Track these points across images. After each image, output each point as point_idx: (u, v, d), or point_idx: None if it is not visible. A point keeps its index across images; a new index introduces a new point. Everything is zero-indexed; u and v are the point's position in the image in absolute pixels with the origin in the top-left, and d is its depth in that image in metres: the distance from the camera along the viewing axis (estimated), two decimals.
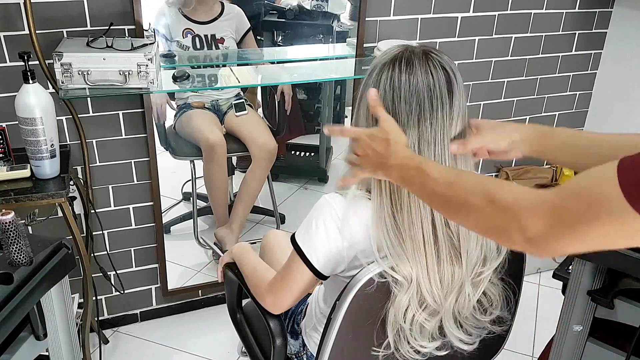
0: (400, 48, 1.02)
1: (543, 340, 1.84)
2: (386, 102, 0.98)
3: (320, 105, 2.83)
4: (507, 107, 2.59)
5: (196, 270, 2.40)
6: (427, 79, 0.97)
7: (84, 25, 1.77)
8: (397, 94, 0.98)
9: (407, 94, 0.97)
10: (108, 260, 2.08)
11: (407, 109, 0.97)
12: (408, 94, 0.97)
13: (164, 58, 2.16)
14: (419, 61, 0.98)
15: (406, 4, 2.17)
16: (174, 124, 2.40)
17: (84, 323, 1.92)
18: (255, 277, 1.27)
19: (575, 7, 2.50)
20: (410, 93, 0.97)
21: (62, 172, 1.69)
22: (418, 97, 0.97)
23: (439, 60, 0.99)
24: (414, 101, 0.97)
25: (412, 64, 0.98)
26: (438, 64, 0.98)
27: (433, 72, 0.98)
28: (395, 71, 0.98)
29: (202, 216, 2.58)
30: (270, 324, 1.22)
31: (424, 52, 1.00)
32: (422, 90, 0.97)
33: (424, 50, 1.00)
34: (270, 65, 2.53)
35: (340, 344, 1.06)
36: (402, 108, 0.97)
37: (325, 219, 1.04)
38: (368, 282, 1.00)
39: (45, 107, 1.59)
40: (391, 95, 0.98)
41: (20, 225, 1.15)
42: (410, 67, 0.98)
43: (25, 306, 1.15)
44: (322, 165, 2.87)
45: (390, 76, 0.98)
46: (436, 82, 0.97)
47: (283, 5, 2.40)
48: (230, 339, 2.18)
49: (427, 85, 0.97)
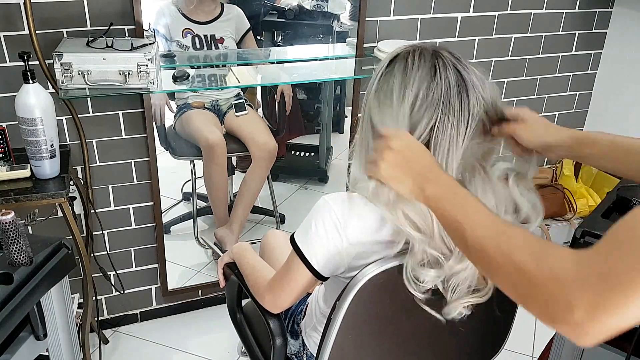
0: (407, 48, 1.02)
1: (543, 340, 1.84)
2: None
3: (320, 105, 2.83)
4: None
5: (196, 270, 2.40)
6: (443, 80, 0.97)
7: (84, 25, 1.77)
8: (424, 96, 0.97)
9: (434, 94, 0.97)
10: (108, 260, 2.08)
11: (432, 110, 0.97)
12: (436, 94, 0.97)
13: (164, 58, 2.16)
14: (430, 60, 0.99)
15: (406, 4, 2.17)
16: (174, 124, 2.40)
17: (84, 323, 1.92)
18: (255, 276, 1.27)
19: (575, 7, 2.50)
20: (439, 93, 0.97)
21: (62, 172, 1.69)
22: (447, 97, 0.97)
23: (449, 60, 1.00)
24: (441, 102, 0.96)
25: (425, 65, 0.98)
26: (449, 62, 0.99)
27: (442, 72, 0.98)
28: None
29: (202, 216, 2.58)
30: (270, 324, 1.22)
31: (434, 52, 1.00)
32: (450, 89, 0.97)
33: (434, 50, 1.01)
34: (270, 65, 2.53)
35: (340, 344, 1.06)
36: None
37: (325, 219, 1.03)
38: (368, 282, 1.00)
39: (45, 107, 1.59)
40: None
41: (20, 225, 1.15)
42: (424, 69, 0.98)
43: (25, 306, 1.15)
44: (322, 165, 2.86)
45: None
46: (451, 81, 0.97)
47: (283, 5, 2.40)
48: (230, 339, 2.18)
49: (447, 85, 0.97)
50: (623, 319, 0.59)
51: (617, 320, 0.59)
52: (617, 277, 0.59)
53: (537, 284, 0.65)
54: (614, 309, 0.59)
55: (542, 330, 2.26)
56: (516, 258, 0.69)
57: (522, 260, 0.68)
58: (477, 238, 0.76)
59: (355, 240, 1.03)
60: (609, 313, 0.59)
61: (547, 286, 0.64)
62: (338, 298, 1.04)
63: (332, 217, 1.03)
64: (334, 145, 2.88)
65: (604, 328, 0.60)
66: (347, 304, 1.01)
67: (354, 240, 1.03)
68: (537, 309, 0.67)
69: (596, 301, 0.59)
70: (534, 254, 0.67)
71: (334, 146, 2.88)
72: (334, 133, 2.87)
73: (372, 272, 1.00)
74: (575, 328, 0.61)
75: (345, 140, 2.56)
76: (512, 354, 2.14)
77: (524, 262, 0.68)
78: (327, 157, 2.86)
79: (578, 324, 0.60)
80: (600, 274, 0.60)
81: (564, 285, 0.62)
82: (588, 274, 0.61)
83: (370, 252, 1.03)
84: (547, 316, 0.65)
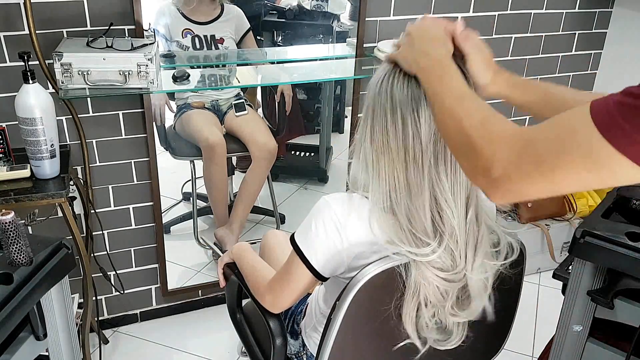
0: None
1: (543, 340, 1.84)
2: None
3: (320, 105, 2.83)
4: (507, 106, 2.58)
5: (196, 270, 2.40)
6: None
7: (84, 25, 1.77)
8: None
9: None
10: (108, 260, 2.08)
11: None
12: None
13: (164, 58, 2.16)
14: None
15: (406, 4, 2.17)
16: (174, 124, 2.40)
17: (84, 323, 1.92)
18: (255, 276, 1.27)
19: (575, 7, 2.50)
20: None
21: (62, 172, 1.69)
22: None
23: None
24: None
25: None
26: None
27: None
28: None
29: (202, 216, 2.58)
30: (270, 324, 1.22)
31: None
32: None
33: None
34: (270, 65, 2.53)
35: (340, 344, 1.06)
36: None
37: (325, 220, 1.03)
38: (368, 282, 1.00)
39: (45, 107, 1.59)
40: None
41: (20, 225, 1.15)
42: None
43: (25, 306, 1.15)
44: (322, 165, 2.87)
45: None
46: None
47: (283, 5, 2.40)
48: (230, 339, 2.18)
49: None
50: (528, 189, 0.69)
51: (523, 186, 0.69)
52: (536, 151, 0.67)
53: (474, 141, 0.74)
54: (525, 175, 0.68)
55: (542, 330, 2.26)
56: (466, 123, 0.77)
57: (470, 125, 0.76)
58: (446, 107, 0.84)
59: (355, 240, 1.03)
60: (519, 176, 0.68)
61: (481, 142, 0.73)
62: (338, 298, 1.04)
63: (332, 218, 1.03)
64: (334, 145, 2.88)
65: (511, 188, 0.70)
66: (347, 304, 1.01)
67: (354, 241, 1.03)
68: (467, 161, 0.77)
69: (514, 163, 0.68)
70: (483, 118, 0.76)
71: (334, 146, 2.89)
72: (334, 133, 2.87)
73: (372, 272, 1.00)
74: (490, 182, 0.72)
75: (345, 140, 2.56)
76: (512, 354, 2.14)
77: (471, 126, 0.76)
78: (327, 157, 2.86)
79: (493, 179, 0.71)
80: (526, 144, 0.68)
81: (495, 142, 0.71)
82: (518, 140, 0.69)
83: (370, 252, 1.03)
84: (472, 169, 0.75)
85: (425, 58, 0.92)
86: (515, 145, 0.69)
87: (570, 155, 0.64)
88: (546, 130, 0.68)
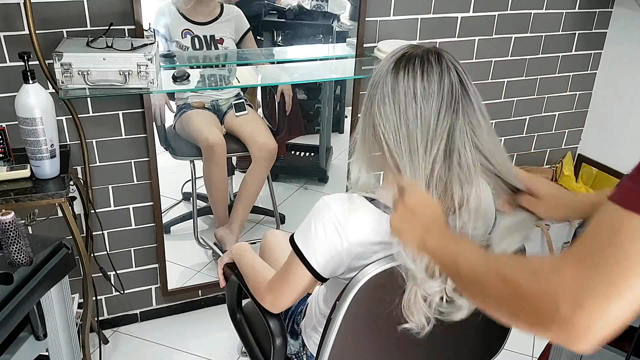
0: (404, 50, 1.01)
1: (543, 340, 1.84)
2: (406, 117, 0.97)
3: (320, 105, 2.82)
4: (507, 107, 2.59)
5: (196, 270, 2.40)
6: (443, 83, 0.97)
7: (84, 25, 1.77)
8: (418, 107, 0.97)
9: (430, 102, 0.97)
10: (108, 260, 2.08)
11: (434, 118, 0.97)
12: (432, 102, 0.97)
13: (164, 58, 2.16)
14: (429, 64, 0.98)
15: (406, 4, 2.17)
16: (174, 124, 2.40)
17: (84, 323, 1.92)
18: (255, 276, 1.27)
19: (575, 7, 2.50)
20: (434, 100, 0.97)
21: (62, 172, 1.69)
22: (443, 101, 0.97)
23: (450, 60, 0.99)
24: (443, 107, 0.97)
25: (426, 69, 0.97)
26: (450, 64, 0.99)
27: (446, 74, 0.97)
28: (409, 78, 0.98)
29: (202, 216, 2.58)
30: (270, 324, 1.22)
31: (430, 52, 1.00)
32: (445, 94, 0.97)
33: (429, 51, 1.00)
34: (270, 65, 2.53)
35: (340, 344, 1.06)
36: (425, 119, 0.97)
37: (325, 220, 1.03)
38: (368, 282, 1.00)
39: (45, 107, 1.59)
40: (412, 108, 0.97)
41: (20, 225, 1.15)
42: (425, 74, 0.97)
43: (25, 306, 1.15)
44: (322, 165, 2.87)
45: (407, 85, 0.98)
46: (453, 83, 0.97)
47: (283, 5, 2.40)
48: (230, 339, 2.18)
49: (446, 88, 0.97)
50: (608, 312, 0.59)
51: (602, 312, 0.59)
52: (595, 267, 0.59)
53: (524, 292, 0.66)
54: (596, 295, 0.59)
55: None
56: (506, 273, 0.71)
57: (511, 274, 0.70)
58: (470, 267, 0.80)
59: (355, 240, 1.03)
60: (593, 300, 0.59)
61: (532, 290, 0.65)
62: (338, 298, 1.04)
63: (331, 218, 1.03)
64: (334, 145, 2.88)
65: (591, 317, 0.59)
66: (347, 304, 1.01)
67: (354, 241, 1.03)
68: (526, 317, 0.67)
69: (578, 288, 0.60)
70: (524, 269, 0.69)
71: (334, 146, 2.89)
72: (334, 133, 2.87)
73: (372, 272, 1.00)
74: (564, 325, 0.61)
75: (345, 140, 2.56)
76: (512, 354, 2.14)
77: (512, 275, 0.70)
78: (327, 157, 2.86)
79: (565, 320, 0.60)
80: (578, 263, 0.61)
81: (545, 281, 0.63)
82: (564, 264, 0.62)
83: (370, 252, 1.03)
84: (537, 322, 0.65)
85: (431, 237, 0.93)
86: (568, 272, 0.62)
87: (621, 248, 0.59)
88: (590, 242, 0.63)
